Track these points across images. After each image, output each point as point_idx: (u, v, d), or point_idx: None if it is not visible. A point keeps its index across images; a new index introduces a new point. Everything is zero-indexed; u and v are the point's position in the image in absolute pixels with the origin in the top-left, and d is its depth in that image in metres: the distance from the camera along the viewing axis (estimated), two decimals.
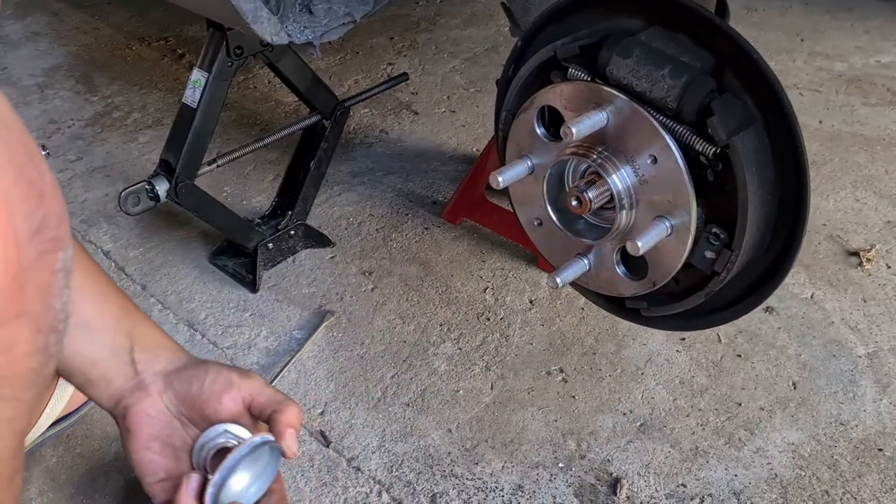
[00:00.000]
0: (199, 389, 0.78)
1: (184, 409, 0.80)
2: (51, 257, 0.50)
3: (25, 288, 0.48)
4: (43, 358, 0.52)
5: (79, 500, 1.10)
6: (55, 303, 0.51)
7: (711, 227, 0.78)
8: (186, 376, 0.79)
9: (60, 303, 0.52)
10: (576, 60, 0.81)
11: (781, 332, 1.38)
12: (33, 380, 0.51)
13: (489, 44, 2.24)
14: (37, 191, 0.48)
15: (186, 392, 0.79)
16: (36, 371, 0.51)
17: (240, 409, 0.79)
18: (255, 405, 0.79)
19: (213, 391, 0.78)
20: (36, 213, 0.48)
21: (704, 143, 0.74)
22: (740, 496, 1.13)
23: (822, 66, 2.11)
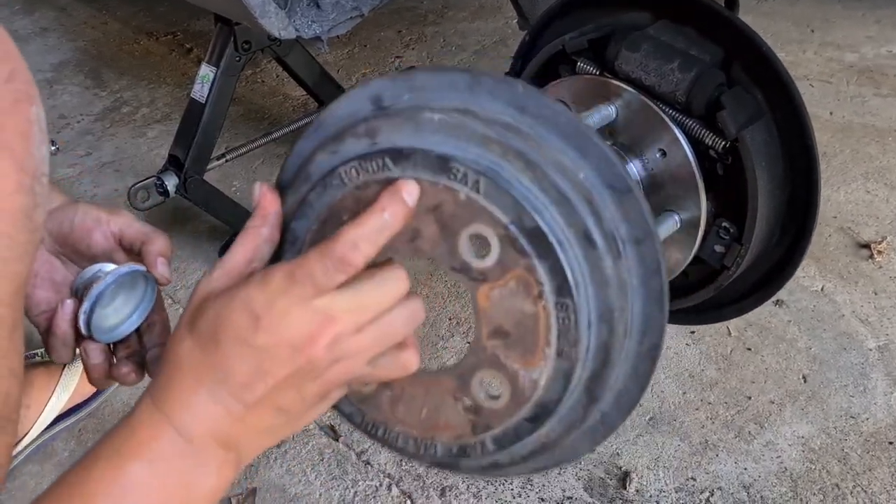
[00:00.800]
0: (70, 227, 0.79)
1: (59, 248, 0.81)
2: (24, 106, 0.52)
3: (6, 126, 0.50)
4: (29, 200, 0.52)
5: None
6: (35, 151, 0.53)
7: (721, 221, 0.78)
8: (59, 216, 0.80)
9: (40, 154, 0.53)
10: (584, 54, 0.81)
11: (791, 324, 1.37)
12: (23, 222, 0.52)
13: (497, 36, 2.23)
14: (3, 48, 0.51)
15: (59, 231, 0.80)
16: (25, 213, 0.52)
17: (111, 244, 0.80)
18: (125, 239, 0.80)
19: (83, 228, 0.79)
20: (4, 64, 0.51)
21: (714, 137, 0.74)
22: (750, 490, 1.13)
23: (832, 56, 2.10)
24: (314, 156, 0.60)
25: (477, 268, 0.56)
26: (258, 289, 0.54)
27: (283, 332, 0.53)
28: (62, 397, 1.14)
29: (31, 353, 1.18)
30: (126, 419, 0.60)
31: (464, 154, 0.54)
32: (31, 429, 1.12)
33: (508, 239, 0.53)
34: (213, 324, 0.55)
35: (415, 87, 0.59)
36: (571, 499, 1.12)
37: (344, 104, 0.60)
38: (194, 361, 0.56)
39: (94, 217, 0.79)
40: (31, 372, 1.14)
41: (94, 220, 0.78)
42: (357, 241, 0.54)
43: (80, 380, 1.17)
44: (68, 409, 1.16)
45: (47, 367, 1.16)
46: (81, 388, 1.17)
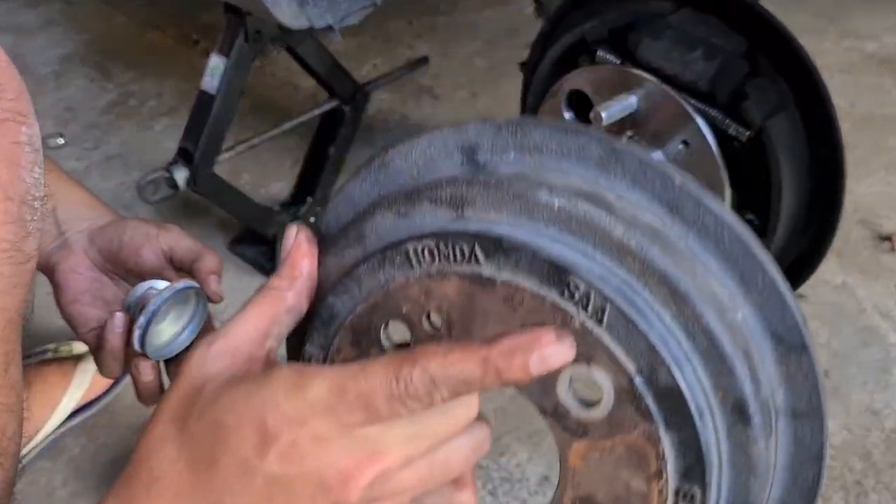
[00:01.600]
0: (119, 244, 0.79)
1: (109, 265, 0.81)
2: (12, 127, 0.48)
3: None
4: (18, 230, 0.48)
5: (102, 490, 1.09)
6: (25, 175, 0.48)
7: (744, 212, 0.76)
8: (108, 233, 0.80)
9: (32, 178, 0.49)
10: (604, 43, 0.79)
11: (812, 319, 1.35)
12: (10, 253, 0.48)
13: (510, 26, 2.20)
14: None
15: (108, 248, 0.80)
16: (12, 243, 0.48)
17: (161, 261, 0.79)
18: (175, 256, 0.79)
19: (133, 245, 0.79)
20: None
21: (738, 127, 0.72)
22: None
23: (852, 46, 2.06)
24: (375, 212, 0.45)
25: (577, 418, 0.42)
26: (287, 397, 0.40)
27: (309, 464, 0.40)
28: (76, 395, 1.13)
29: (42, 349, 1.17)
30: None
31: (588, 265, 0.39)
32: (45, 426, 1.11)
33: (630, 393, 0.40)
34: (211, 434, 0.42)
35: (526, 146, 0.44)
36: None
37: (423, 146, 0.46)
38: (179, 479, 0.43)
39: (143, 233, 0.79)
40: (44, 369, 1.13)
41: (143, 236, 0.78)
42: (439, 382, 0.40)
43: (93, 377, 1.16)
44: (80, 405, 1.15)
45: (60, 364, 1.15)
46: (94, 385, 1.16)
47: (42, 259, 0.78)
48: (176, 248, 0.79)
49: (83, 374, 1.15)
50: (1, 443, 0.51)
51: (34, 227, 0.50)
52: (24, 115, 0.49)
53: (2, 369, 0.51)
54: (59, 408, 1.12)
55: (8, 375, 0.52)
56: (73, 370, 1.14)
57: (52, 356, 1.17)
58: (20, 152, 0.48)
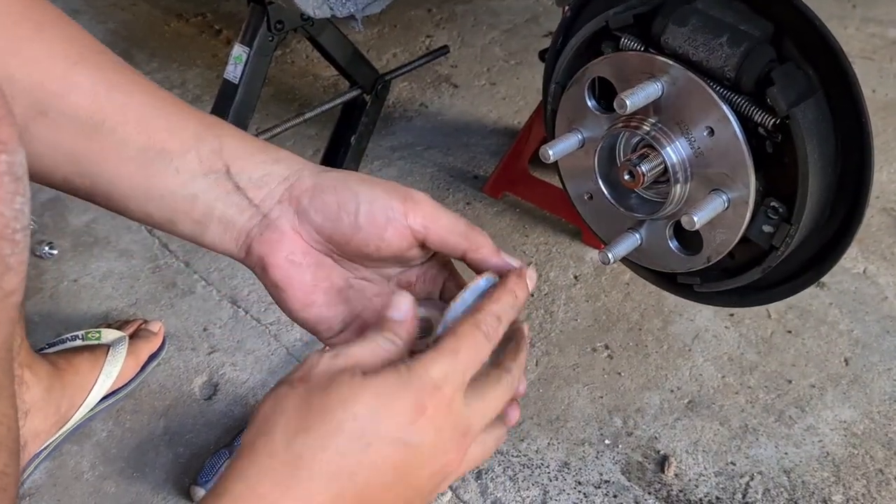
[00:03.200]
0: (353, 225, 0.59)
1: (334, 248, 0.61)
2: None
3: None
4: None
5: (129, 473, 1.12)
6: (3, 209, 0.45)
7: (770, 200, 0.75)
8: (325, 204, 0.59)
9: (11, 210, 0.45)
10: (629, 30, 0.79)
11: (833, 307, 1.34)
12: None
13: (529, 14, 2.20)
14: None
15: (333, 228, 0.59)
16: None
17: (410, 243, 0.60)
18: (430, 239, 0.60)
19: (373, 227, 0.59)
20: None
21: (763, 114, 0.71)
22: (791, 474, 1.11)
23: (874, 32, 2.04)
24: None
25: None
26: None
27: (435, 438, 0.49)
28: (106, 383, 1.15)
29: (71, 336, 1.19)
30: None
31: None
32: (76, 413, 1.12)
33: None
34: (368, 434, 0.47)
35: None
36: (609, 482, 1.11)
37: None
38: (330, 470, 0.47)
39: (384, 208, 0.59)
40: (75, 357, 1.15)
41: (385, 212, 0.59)
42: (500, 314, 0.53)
43: (123, 364, 1.17)
44: (110, 392, 1.17)
45: (91, 351, 1.17)
46: (123, 372, 1.18)
47: (242, 246, 0.61)
48: (433, 230, 0.59)
49: (114, 362, 1.17)
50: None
51: (16, 260, 0.46)
52: (4, 143, 0.45)
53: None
54: (89, 396, 1.13)
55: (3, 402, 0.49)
56: (103, 358, 1.16)
57: (81, 343, 1.19)
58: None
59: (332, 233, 0.60)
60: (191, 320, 1.33)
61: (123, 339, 1.20)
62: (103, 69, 0.60)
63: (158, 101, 0.61)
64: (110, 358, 1.16)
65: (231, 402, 1.21)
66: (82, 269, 1.42)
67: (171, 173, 0.59)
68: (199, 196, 0.59)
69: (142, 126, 0.58)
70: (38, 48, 0.58)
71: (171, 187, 0.59)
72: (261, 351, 1.28)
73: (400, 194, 0.60)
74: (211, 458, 1.09)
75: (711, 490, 1.10)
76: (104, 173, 0.59)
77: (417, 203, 0.59)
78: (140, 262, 1.44)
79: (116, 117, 0.58)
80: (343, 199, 0.59)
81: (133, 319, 1.28)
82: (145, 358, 1.23)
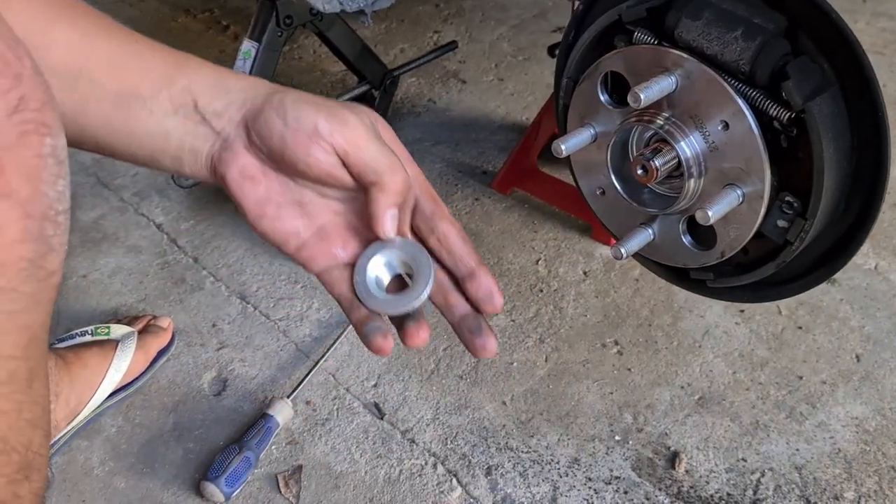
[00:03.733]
0: (283, 142, 0.60)
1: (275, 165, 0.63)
2: (35, 139, 0.46)
3: (7, 167, 0.45)
4: (39, 247, 0.47)
5: (139, 468, 1.12)
6: (47, 189, 0.47)
7: (784, 195, 0.75)
8: (264, 122, 0.61)
9: (55, 191, 0.48)
10: (642, 24, 0.78)
11: (844, 303, 1.34)
12: (30, 270, 0.47)
13: (537, 10, 2.19)
14: (12, 71, 0.45)
15: (269, 146, 0.61)
16: (31, 261, 0.47)
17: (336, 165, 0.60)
18: (350, 165, 0.60)
19: (297, 144, 0.60)
20: (12, 91, 0.45)
21: (779, 108, 0.71)
22: (802, 471, 1.11)
23: (885, 27, 2.03)
24: None
25: None
26: None
27: None
28: (115, 378, 1.15)
29: (80, 331, 1.19)
30: None
31: None
32: (84, 408, 1.13)
33: None
34: None
35: None
36: (619, 479, 1.10)
37: None
38: None
39: (310, 125, 0.59)
40: (84, 352, 1.15)
41: (310, 129, 0.59)
42: None
43: (132, 360, 1.17)
44: (118, 387, 1.17)
45: (100, 346, 1.17)
46: (132, 368, 1.18)
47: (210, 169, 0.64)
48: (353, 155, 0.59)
49: (123, 357, 1.17)
50: (27, 457, 0.50)
51: (58, 241, 0.49)
52: (49, 126, 0.47)
53: (25, 385, 0.50)
54: (98, 391, 1.13)
55: (32, 391, 0.51)
56: (112, 353, 1.16)
57: (90, 339, 1.19)
58: (42, 165, 0.47)
59: (269, 150, 0.61)
60: (200, 316, 1.33)
61: (132, 334, 1.20)
62: (78, 21, 0.62)
63: (130, 46, 0.64)
64: (119, 353, 1.16)
65: (240, 397, 1.21)
66: (91, 265, 1.42)
67: (145, 115, 0.62)
68: (172, 133, 0.62)
69: (115, 71, 0.61)
70: (20, 7, 0.60)
71: (146, 128, 0.62)
72: (270, 347, 1.28)
73: (328, 112, 0.60)
74: (221, 453, 1.09)
75: (722, 486, 1.09)
76: (88, 121, 0.61)
77: (344, 123, 0.59)
78: (149, 257, 1.44)
79: (91, 65, 0.60)
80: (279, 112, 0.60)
81: (142, 315, 1.28)
82: (154, 353, 1.23)
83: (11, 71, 0.45)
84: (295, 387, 1.20)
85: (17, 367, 0.49)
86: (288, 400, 1.16)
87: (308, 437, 1.15)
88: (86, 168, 1.64)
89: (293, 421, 1.17)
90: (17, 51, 0.47)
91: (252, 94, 0.62)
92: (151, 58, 0.64)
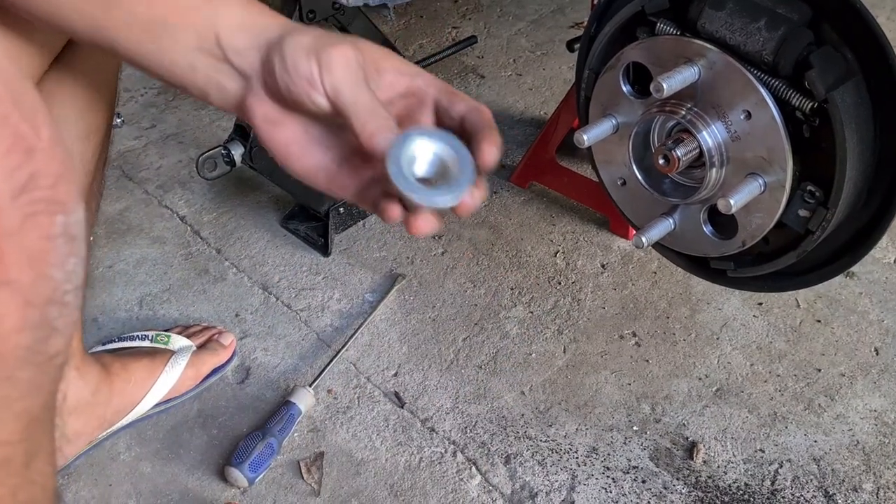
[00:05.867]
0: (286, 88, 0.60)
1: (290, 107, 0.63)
2: (43, 220, 0.45)
3: (7, 254, 0.43)
4: (39, 334, 0.46)
5: (164, 454, 1.14)
6: (54, 272, 0.46)
7: (806, 184, 0.76)
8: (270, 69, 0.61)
9: (63, 272, 0.46)
10: (665, 15, 0.79)
11: (863, 297, 1.34)
12: (27, 358, 0.46)
13: (555, 5, 2.20)
14: (24, 145, 0.44)
15: (278, 90, 0.61)
16: (30, 348, 0.46)
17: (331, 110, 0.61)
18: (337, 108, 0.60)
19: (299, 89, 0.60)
20: (20, 169, 0.43)
21: (801, 98, 0.72)
22: (820, 462, 1.11)
23: None
24: None
25: None
26: None
27: None
28: (156, 396, 1.13)
29: (140, 335, 1.18)
30: None
31: None
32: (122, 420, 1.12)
33: None
34: None
35: None
36: (637, 468, 1.11)
37: None
38: None
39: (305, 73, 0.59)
40: (133, 363, 1.13)
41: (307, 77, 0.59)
42: None
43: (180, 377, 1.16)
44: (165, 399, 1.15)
45: (152, 358, 1.15)
46: (178, 385, 1.16)
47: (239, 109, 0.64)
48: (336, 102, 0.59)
49: (171, 374, 1.15)
50: None
51: (63, 322, 0.47)
52: (62, 203, 0.46)
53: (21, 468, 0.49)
54: (137, 406, 1.12)
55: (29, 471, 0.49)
56: (161, 367, 1.14)
57: (148, 345, 1.18)
58: (50, 248, 0.45)
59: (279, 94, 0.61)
60: (223, 306, 1.35)
61: (189, 349, 1.18)
62: None
63: None
64: (168, 368, 1.14)
65: (263, 385, 1.22)
66: (116, 256, 1.44)
67: (173, 45, 0.62)
68: (197, 66, 0.62)
69: None
70: None
71: (174, 58, 0.62)
72: (291, 336, 1.30)
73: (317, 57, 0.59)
74: (244, 439, 1.11)
75: (740, 477, 1.10)
76: (120, 40, 0.62)
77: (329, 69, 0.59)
78: (172, 248, 1.46)
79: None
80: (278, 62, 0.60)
81: (209, 327, 1.25)
82: (207, 371, 1.20)
83: (24, 145, 0.44)
84: (316, 376, 1.21)
85: (12, 452, 0.48)
86: (310, 388, 1.18)
87: (329, 425, 1.17)
88: (111, 161, 1.66)
89: (315, 409, 1.18)
90: (35, 120, 0.45)
91: (266, 35, 0.61)
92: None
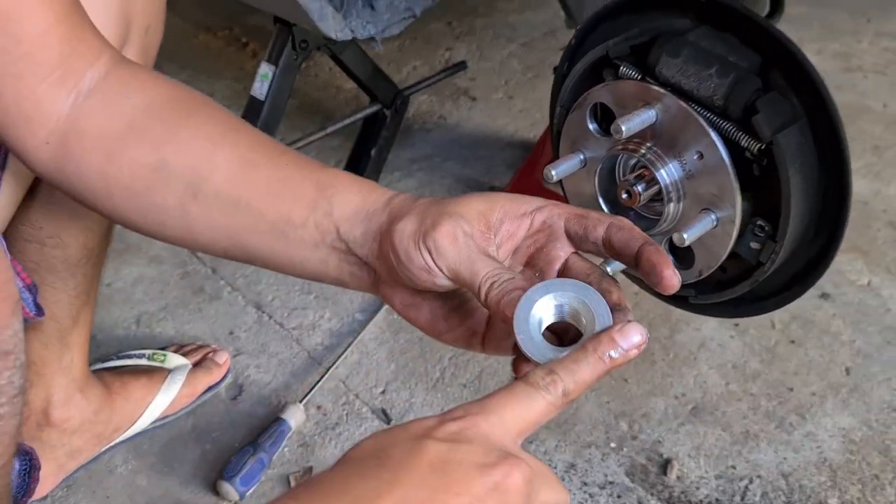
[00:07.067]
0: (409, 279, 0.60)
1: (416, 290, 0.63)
2: None
3: None
4: None
5: (159, 468, 1.19)
6: None
7: (756, 219, 0.81)
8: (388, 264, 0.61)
9: None
10: (627, 59, 0.84)
11: (836, 318, 1.38)
12: None
13: (546, 28, 2.25)
14: None
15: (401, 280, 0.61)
16: None
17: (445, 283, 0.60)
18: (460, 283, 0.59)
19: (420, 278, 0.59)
20: None
21: (749, 140, 0.77)
22: (789, 478, 1.16)
23: (888, 47, 2.07)
24: None
25: None
26: None
27: None
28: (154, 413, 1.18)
29: (138, 353, 1.24)
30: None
31: None
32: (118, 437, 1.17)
33: None
34: None
35: None
36: (613, 483, 1.16)
37: None
38: None
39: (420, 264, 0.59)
40: (131, 381, 1.18)
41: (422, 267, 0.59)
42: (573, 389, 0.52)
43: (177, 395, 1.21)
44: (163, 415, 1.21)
45: (150, 376, 1.20)
46: (175, 403, 1.21)
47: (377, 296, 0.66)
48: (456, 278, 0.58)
49: (168, 391, 1.20)
50: None
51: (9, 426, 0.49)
52: None
53: None
54: (135, 423, 1.17)
55: None
56: (159, 385, 1.19)
57: (145, 363, 1.23)
58: None
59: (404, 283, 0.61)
60: (217, 324, 1.40)
61: (185, 368, 1.23)
62: (240, 147, 0.65)
63: (282, 172, 0.64)
64: (165, 387, 1.19)
65: (255, 402, 1.27)
66: (114, 274, 1.49)
67: (299, 243, 0.63)
68: (328, 260, 0.64)
69: (269, 200, 0.63)
70: (188, 134, 0.63)
71: (304, 254, 0.64)
72: (283, 354, 1.35)
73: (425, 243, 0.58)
74: (236, 454, 1.15)
75: (711, 492, 1.15)
76: (251, 245, 0.64)
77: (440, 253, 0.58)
78: (169, 267, 1.51)
79: (249, 194, 0.63)
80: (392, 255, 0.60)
81: (203, 345, 1.31)
82: (202, 389, 1.25)
83: None
84: (307, 392, 1.26)
85: None
86: (300, 405, 1.23)
87: (319, 441, 1.22)
88: None
89: (305, 425, 1.23)
90: None
91: (378, 220, 0.62)
92: (301, 182, 0.64)
